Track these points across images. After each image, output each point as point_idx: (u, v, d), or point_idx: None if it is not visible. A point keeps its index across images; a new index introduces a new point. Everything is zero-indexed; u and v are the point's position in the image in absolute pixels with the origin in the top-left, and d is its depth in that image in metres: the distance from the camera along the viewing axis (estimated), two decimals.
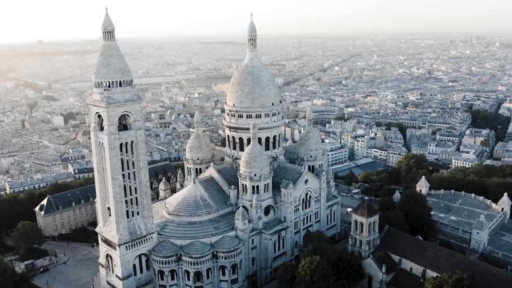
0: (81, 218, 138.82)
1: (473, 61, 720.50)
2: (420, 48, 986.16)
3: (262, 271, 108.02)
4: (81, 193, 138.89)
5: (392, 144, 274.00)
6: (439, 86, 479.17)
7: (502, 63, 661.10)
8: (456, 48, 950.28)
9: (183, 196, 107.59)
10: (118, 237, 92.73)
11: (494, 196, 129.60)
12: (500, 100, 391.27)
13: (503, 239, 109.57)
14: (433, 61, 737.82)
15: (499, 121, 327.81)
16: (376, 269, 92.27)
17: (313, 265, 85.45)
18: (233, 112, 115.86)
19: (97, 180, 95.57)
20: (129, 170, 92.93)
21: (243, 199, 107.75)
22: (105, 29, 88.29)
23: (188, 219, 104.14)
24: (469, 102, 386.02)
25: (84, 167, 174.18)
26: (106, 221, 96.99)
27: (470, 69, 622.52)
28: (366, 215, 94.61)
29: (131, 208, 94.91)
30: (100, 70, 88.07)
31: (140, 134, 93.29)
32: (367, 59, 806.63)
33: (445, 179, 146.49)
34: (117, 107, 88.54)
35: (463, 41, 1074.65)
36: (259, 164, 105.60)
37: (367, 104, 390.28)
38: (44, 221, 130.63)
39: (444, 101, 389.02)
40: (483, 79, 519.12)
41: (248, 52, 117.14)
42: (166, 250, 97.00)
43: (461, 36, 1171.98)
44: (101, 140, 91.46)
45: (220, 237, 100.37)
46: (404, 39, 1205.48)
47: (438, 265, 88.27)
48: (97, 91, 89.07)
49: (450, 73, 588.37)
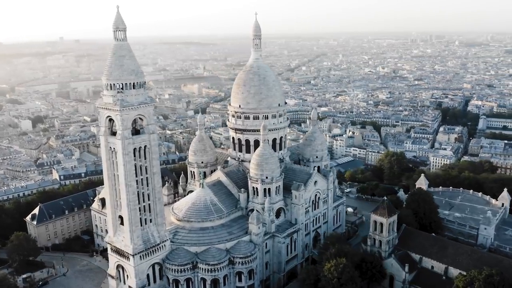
0: (74, 226, 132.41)
1: (436, 59, 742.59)
2: (382, 48, 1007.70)
3: (275, 275, 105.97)
4: (74, 201, 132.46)
5: (369, 142, 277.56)
6: (405, 85, 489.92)
7: (464, 61, 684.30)
8: (418, 47, 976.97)
9: (193, 201, 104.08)
10: (132, 247, 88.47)
11: (490, 192, 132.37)
12: (467, 97, 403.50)
13: (507, 234, 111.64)
14: (396, 60, 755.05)
15: (468, 118, 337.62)
16: (399, 269, 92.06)
17: (339, 267, 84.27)
18: (239, 113, 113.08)
19: (107, 187, 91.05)
20: (142, 176, 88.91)
21: (254, 203, 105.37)
22: (117, 28, 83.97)
23: (200, 225, 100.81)
24: (438, 100, 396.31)
25: (70, 173, 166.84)
26: (116, 230, 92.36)
27: (434, 67, 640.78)
28: (386, 215, 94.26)
29: (144, 215, 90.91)
30: (113, 71, 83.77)
31: (154, 138, 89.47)
32: (332, 59, 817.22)
33: (440, 176, 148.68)
34: (131, 110, 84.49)
35: (424, 40, 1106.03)
36: (271, 166, 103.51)
37: (339, 104, 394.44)
38: (37, 231, 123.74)
39: (413, 99, 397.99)
40: (447, 77, 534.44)
41: (253, 52, 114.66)
42: (181, 258, 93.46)
43: (421, 35, 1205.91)
44: (112, 146, 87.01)
45: (235, 242, 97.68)
46: (366, 39, 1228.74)
47: (460, 262, 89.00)
48: (109, 93, 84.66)
49: (415, 72, 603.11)
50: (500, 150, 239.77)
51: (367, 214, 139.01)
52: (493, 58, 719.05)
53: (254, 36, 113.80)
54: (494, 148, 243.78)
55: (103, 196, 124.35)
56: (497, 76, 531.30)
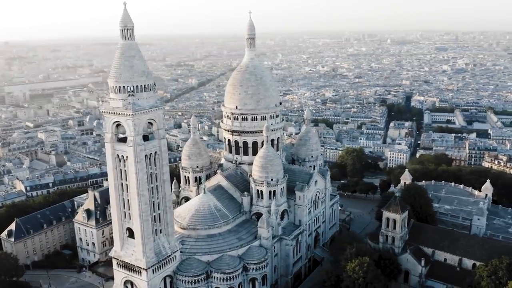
0: (54, 241, 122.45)
1: (371, 57, 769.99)
2: (319, 47, 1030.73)
3: (282, 279, 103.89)
4: (52, 213, 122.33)
5: (326, 140, 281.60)
6: (347, 83, 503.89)
7: (398, 59, 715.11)
8: (352, 46, 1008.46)
9: (196, 207, 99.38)
10: (145, 260, 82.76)
11: (469, 183, 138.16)
12: (407, 93, 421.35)
13: (496, 223, 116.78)
14: (334, 59, 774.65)
15: (413, 113, 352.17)
16: (414, 264, 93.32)
17: (364, 266, 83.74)
18: (236, 115, 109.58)
19: (113, 198, 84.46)
20: (152, 184, 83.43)
21: (259, 206, 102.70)
22: (125, 26, 77.93)
23: (207, 232, 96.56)
24: (381, 97, 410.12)
25: (37, 183, 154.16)
26: (124, 243, 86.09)
27: (370, 65, 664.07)
28: (399, 211, 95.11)
29: (154, 226, 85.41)
30: (122, 73, 77.60)
31: (164, 144, 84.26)
32: (272, 58, 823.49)
33: (418, 170, 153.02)
34: (143, 114, 78.81)
35: (357, 39, 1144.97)
36: (276, 168, 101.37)
37: (288, 102, 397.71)
38: (15, 249, 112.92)
39: (358, 97, 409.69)
40: (384, 74, 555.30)
41: (247, 51, 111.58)
42: (194, 268, 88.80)
43: (354, 34, 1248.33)
44: (121, 153, 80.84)
45: (247, 248, 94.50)
46: (301, 39, 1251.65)
47: (473, 252, 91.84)
48: (118, 97, 78.42)
49: (353, 70, 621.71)
50: (451, 143, 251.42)
51: (354, 212, 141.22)
52: (425, 55, 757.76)
53: (248, 36, 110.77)
54: (445, 141, 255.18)
55: (87, 207, 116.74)
56: (432, 72, 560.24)
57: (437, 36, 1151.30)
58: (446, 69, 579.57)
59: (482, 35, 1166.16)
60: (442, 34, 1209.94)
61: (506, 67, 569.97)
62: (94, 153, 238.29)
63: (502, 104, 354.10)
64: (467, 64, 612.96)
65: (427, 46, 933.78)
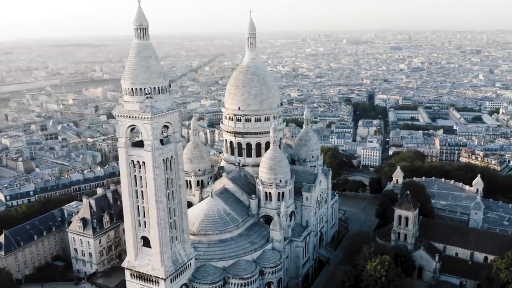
0: (44, 253, 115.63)
1: (329, 57, 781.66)
2: (277, 47, 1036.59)
3: (292, 281, 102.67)
4: (41, 224, 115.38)
5: None
6: (309, 82, 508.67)
7: (356, 58, 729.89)
8: (309, 46, 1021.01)
9: (204, 212, 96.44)
10: (164, 270, 79.28)
11: (457, 179, 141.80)
12: (370, 92, 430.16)
13: (490, 216, 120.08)
14: (293, 59, 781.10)
15: (377, 112, 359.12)
16: (428, 259, 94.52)
17: (385, 265, 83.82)
18: (239, 116, 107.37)
19: (127, 206, 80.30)
20: (168, 190, 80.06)
21: (267, 208, 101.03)
22: (140, 25, 74.12)
23: (218, 237, 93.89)
24: (345, 96, 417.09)
25: (17, 192, 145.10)
26: (138, 253, 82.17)
27: (329, 65, 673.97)
28: (412, 208, 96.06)
29: (170, 233, 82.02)
30: (139, 74, 73.75)
31: (180, 148, 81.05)
32: (232, 59, 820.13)
33: (406, 167, 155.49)
34: (161, 117, 75.40)
35: (313, 39, 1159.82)
36: (284, 169, 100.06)
37: None
38: (6, 262, 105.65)
39: (323, 96, 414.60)
40: (344, 74, 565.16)
41: (248, 51, 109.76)
42: (211, 275, 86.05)
43: (310, 34, 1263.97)
44: (136, 158, 77.00)
45: (261, 252, 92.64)
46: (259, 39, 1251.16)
47: (484, 246, 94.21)
48: (134, 99, 74.55)
49: (313, 69, 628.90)
50: (420, 140, 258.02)
51: (348, 210, 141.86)
52: (381, 55, 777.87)
53: (249, 35, 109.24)
54: (415, 138, 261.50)
55: (83, 216, 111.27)
56: (390, 71, 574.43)
57: (390, 36, 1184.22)
58: (403, 68, 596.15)
59: (434, 34, 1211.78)
60: (396, 33, 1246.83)
61: (460, 65, 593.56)
62: (63, 159, 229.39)
63: (462, 101, 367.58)
64: (422, 62, 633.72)
65: (382, 45, 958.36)
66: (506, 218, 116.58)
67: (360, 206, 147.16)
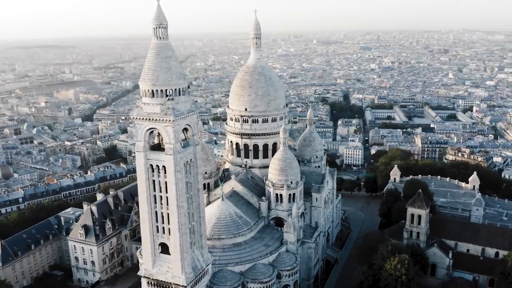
0: (42, 262, 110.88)
1: (301, 58, 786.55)
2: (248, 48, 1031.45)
3: (304, 283, 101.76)
4: (38, 232, 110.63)
5: None
6: (284, 82, 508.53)
7: (327, 59, 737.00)
8: (280, 46, 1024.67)
9: (216, 216, 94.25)
10: (185, 277, 76.89)
11: (452, 176, 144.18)
12: (344, 92, 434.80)
13: (489, 212, 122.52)
14: (266, 60, 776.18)
15: (354, 111, 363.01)
16: (442, 256, 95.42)
17: (405, 264, 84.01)
18: (246, 117, 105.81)
19: (144, 212, 77.37)
20: (188, 194, 77.74)
21: (278, 210, 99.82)
22: (160, 24, 71.54)
23: (232, 241, 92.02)
24: (321, 96, 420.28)
25: (5, 199, 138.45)
26: (156, 260, 79.48)
27: (302, 65, 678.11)
28: (424, 207, 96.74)
29: (189, 238, 79.69)
30: (160, 75, 71.14)
31: (198, 151, 78.77)
32: (204, 60, 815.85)
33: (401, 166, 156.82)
34: (182, 119, 73.07)
35: (284, 40, 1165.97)
36: (294, 170, 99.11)
37: None
38: (4, 274, 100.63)
39: (299, 96, 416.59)
40: (317, 74, 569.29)
41: (254, 51, 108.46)
42: (229, 280, 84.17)
43: (280, 35, 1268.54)
44: (155, 162, 74.36)
45: (276, 255, 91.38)
46: (229, 39, 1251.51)
47: (495, 241, 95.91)
48: (155, 101, 71.85)
49: (286, 70, 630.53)
50: (401, 138, 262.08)
51: (346, 209, 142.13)
52: (352, 55, 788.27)
53: (254, 35, 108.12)
54: (395, 137, 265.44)
55: (84, 223, 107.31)
56: (361, 71, 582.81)
57: (359, 36, 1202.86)
58: (374, 68, 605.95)
59: (401, 34, 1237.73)
60: (364, 34, 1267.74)
61: (429, 64, 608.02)
62: (42, 163, 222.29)
63: (436, 99, 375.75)
64: (393, 62, 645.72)
65: (351, 45, 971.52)
66: (505, 214, 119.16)
67: (357, 205, 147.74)
